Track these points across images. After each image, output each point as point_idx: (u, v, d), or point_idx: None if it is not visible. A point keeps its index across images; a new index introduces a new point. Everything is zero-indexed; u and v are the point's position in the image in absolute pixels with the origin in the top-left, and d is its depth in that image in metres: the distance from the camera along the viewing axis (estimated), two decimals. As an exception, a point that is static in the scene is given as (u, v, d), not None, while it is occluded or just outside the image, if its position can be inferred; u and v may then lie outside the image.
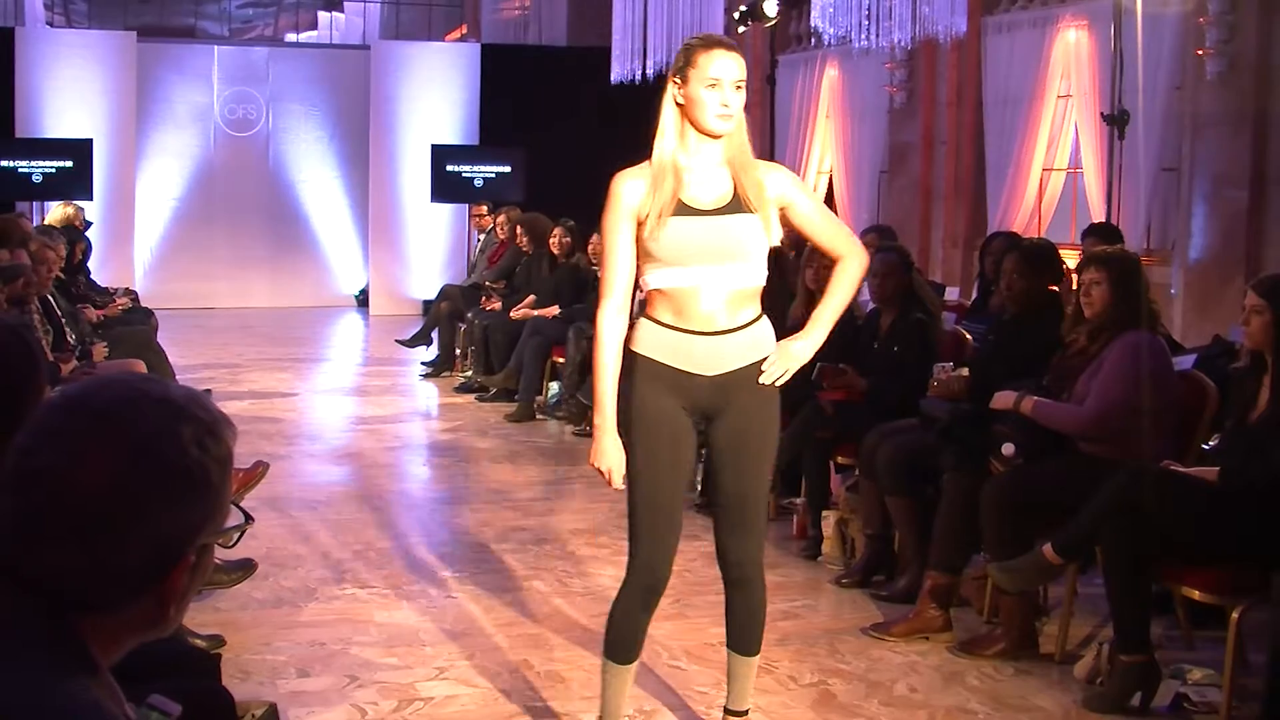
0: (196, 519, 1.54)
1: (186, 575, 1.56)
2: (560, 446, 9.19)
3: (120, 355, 8.21)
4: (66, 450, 1.49)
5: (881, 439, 5.97)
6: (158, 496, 1.50)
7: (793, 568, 6.38)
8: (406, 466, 8.32)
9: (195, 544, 1.55)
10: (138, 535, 1.50)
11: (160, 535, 1.51)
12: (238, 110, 16.89)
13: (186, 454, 1.52)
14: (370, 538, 6.74)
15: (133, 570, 1.51)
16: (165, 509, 1.51)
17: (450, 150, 16.08)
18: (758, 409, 3.81)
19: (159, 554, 1.52)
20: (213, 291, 16.91)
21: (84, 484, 1.48)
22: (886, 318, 6.69)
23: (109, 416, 1.52)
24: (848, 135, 14.07)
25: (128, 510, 1.49)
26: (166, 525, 1.52)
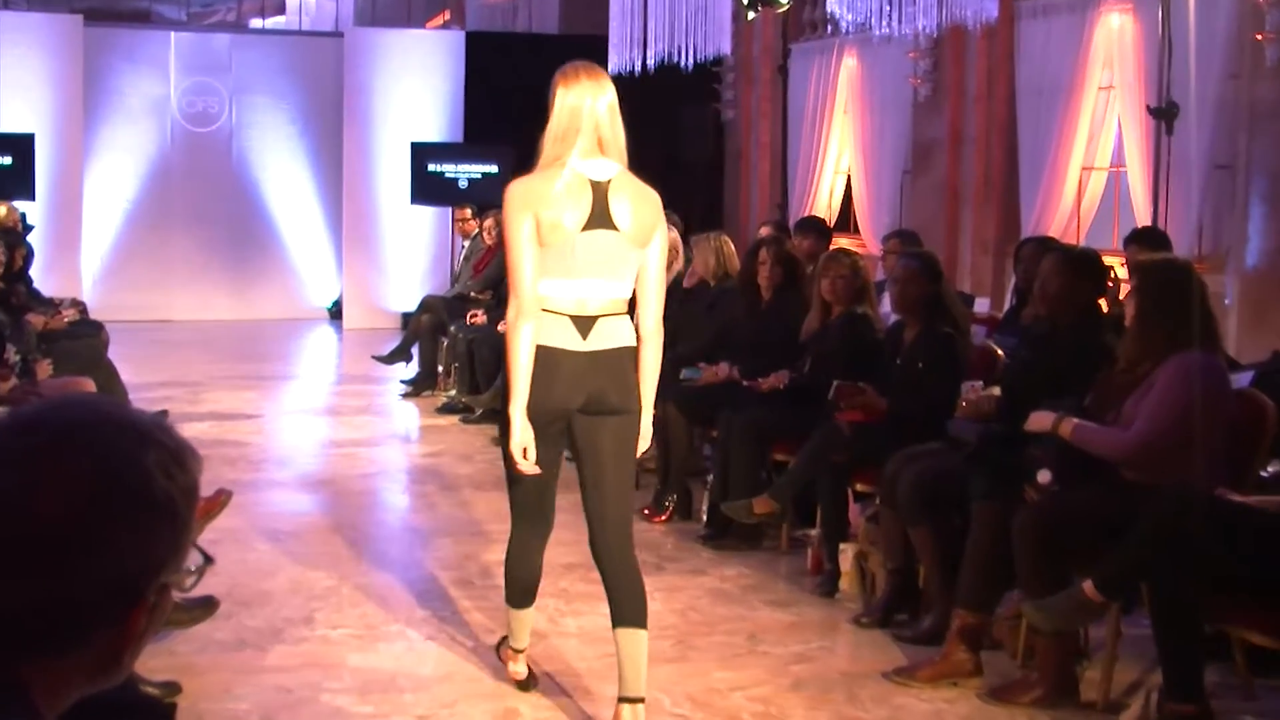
0: (160, 555, 1.53)
1: (145, 617, 1.54)
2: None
3: (66, 372, 8.21)
4: (18, 474, 1.48)
5: (904, 464, 5.97)
6: (119, 528, 1.49)
7: (807, 605, 6.38)
8: (384, 495, 8.32)
9: (156, 583, 1.54)
10: (95, 570, 1.48)
11: (120, 571, 1.50)
12: (197, 103, 16.90)
13: (152, 482, 1.51)
14: (343, 573, 6.74)
15: (88, 609, 1.49)
16: (127, 542, 1.50)
17: (432, 148, 16.09)
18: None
19: (117, 592, 1.50)
20: (170, 303, 16.91)
21: (37, 512, 1.46)
22: (910, 331, 6.70)
23: (67, 439, 1.50)
24: (867, 131, 14.09)
25: (85, 542, 1.47)
26: (127, 560, 1.50)
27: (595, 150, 4.66)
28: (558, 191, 4.55)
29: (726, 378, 7.86)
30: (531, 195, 4.56)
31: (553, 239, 4.53)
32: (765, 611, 6.29)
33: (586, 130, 4.66)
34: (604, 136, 4.67)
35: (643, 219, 4.66)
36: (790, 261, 7.97)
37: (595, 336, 4.63)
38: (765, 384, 7.50)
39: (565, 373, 4.60)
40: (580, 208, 4.56)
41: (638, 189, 4.69)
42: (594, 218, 4.57)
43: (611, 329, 4.66)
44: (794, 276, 7.98)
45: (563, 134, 4.67)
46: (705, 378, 7.97)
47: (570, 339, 4.61)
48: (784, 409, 7.24)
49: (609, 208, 4.60)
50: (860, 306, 7.28)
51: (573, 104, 4.70)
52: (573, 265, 4.56)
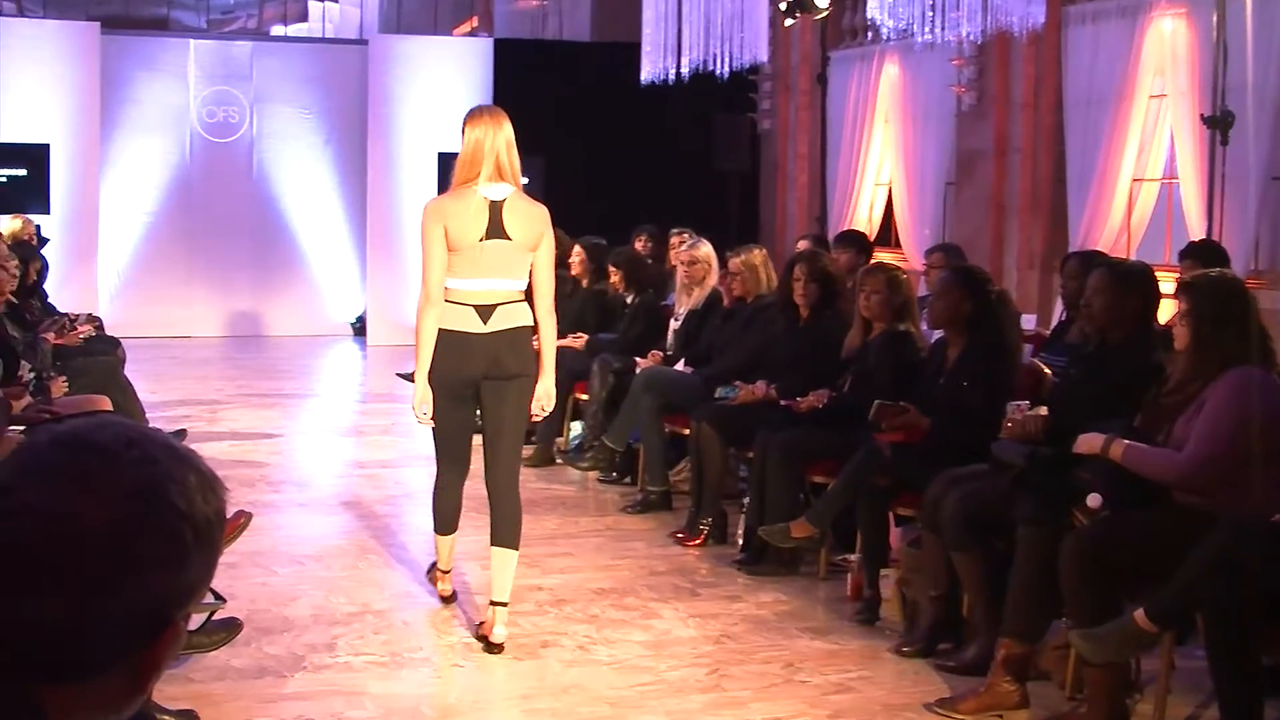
0: (192, 580, 1.54)
1: (172, 644, 1.55)
2: (583, 496, 9.20)
3: (82, 390, 8.26)
4: (56, 489, 1.49)
5: (947, 487, 5.96)
6: (157, 550, 1.50)
7: (846, 633, 6.37)
8: (408, 517, 8.34)
9: (186, 609, 1.55)
10: (132, 592, 1.49)
11: (155, 594, 1.51)
12: (217, 113, 17.00)
13: (193, 505, 1.52)
14: (366, 599, 6.76)
15: (118, 632, 1.50)
16: (163, 565, 1.51)
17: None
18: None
19: (149, 616, 1.51)
20: (188, 318, 17.00)
21: (78, 528, 1.47)
22: (954, 349, 6.69)
23: (110, 456, 1.51)
24: (909, 141, 14.09)
25: (122, 562, 1.48)
26: (162, 584, 1.51)
27: (495, 175, 6.03)
28: (463, 209, 5.99)
29: (764, 397, 7.86)
30: (443, 211, 6.04)
31: (460, 246, 5.98)
32: (803, 640, 6.28)
33: (488, 159, 6.03)
34: (501, 164, 6.04)
35: (530, 230, 6.08)
36: (826, 278, 7.95)
37: (494, 320, 6.06)
38: (804, 403, 7.49)
39: (471, 350, 6.04)
40: (480, 222, 5.99)
41: (527, 206, 6.12)
42: (491, 230, 6.00)
43: (508, 313, 6.08)
44: (831, 293, 7.97)
45: (469, 162, 6.05)
46: (742, 397, 7.96)
47: (474, 324, 6.05)
48: (823, 429, 7.24)
49: (503, 222, 6.01)
50: (902, 323, 7.27)
51: (477, 138, 6.06)
52: (476, 267, 6.02)
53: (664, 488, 8.69)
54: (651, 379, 8.83)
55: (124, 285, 16.79)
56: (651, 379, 8.83)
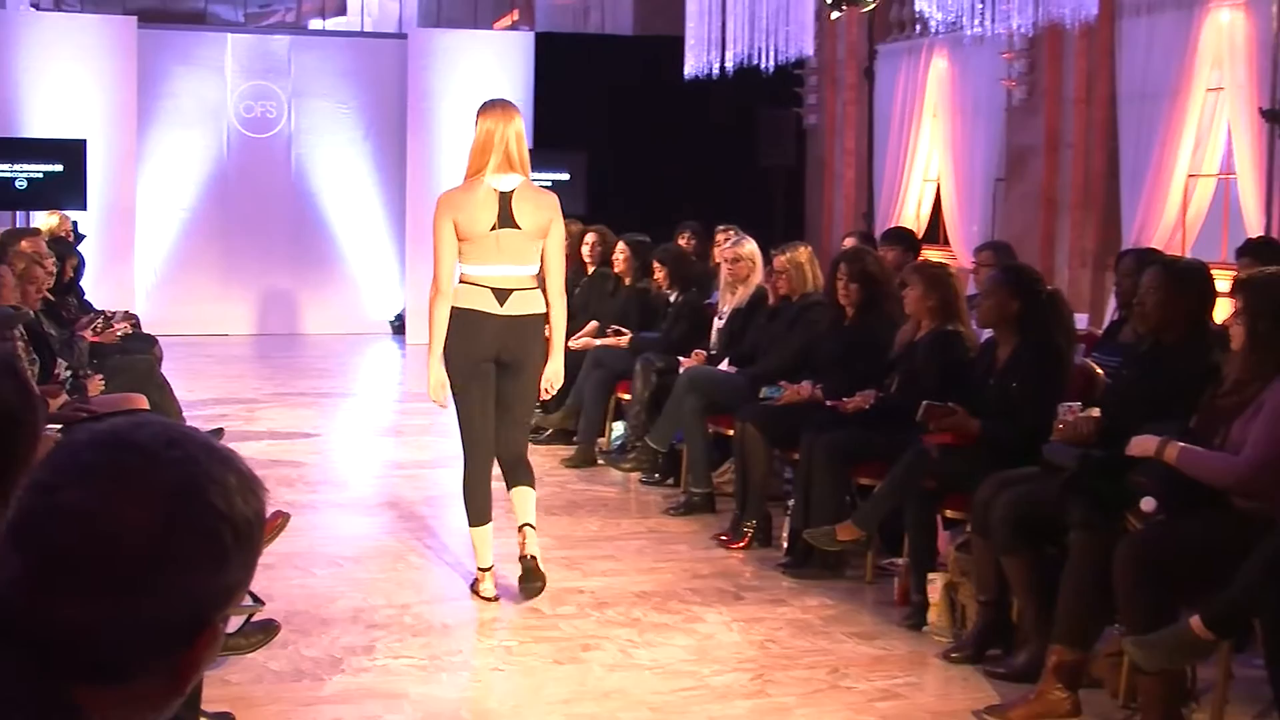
0: (231, 581, 1.55)
1: (211, 646, 1.56)
2: (625, 497, 9.21)
3: (118, 388, 8.29)
4: (99, 488, 1.50)
5: (997, 490, 5.94)
6: (197, 551, 1.51)
7: (894, 638, 6.36)
8: (448, 518, 8.35)
9: (225, 611, 1.56)
10: (173, 593, 1.50)
11: (195, 595, 1.52)
12: (255, 108, 17.09)
13: (233, 506, 1.53)
14: (405, 600, 6.79)
15: (156, 635, 1.51)
16: (206, 565, 1.52)
17: (498, 154, 16.17)
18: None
19: (189, 617, 1.52)
20: (225, 316, 17.08)
21: (118, 528, 1.48)
22: (1003, 349, 6.66)
23: (150, 455, 1.53)
24: (958, 137, 14.04)
25: (166, 562, 1.49)
26: (201, 585, 1.52)
27: (505, 166, 6.47)
28: (472, 200, 6.45)
29: (809, 397, 7.84)
30: (453, 204, 6.51)
31: (471, 235, 6.44)
32: (849, 644, 6.27)
33: (497, 150, 6.46)
34: (511, 155, 6.48)
35: (538, 219, 6.53)
36: (867, 278, 7.90)
37: (510, 304, 6.51)
38: (850, 404, 7.47)
39: (487, 330, 6.50)
40: (490, 212, 6.44)
41: (535, 196, 6.58)
42: (501, 220, 6.45)
43: (524, 299, 6.54)
44: (875, 292, 7.93)
45: (479, 153, 6.51)
46: (786, 397, 7.95)
47: (491, 305, 6.50)
48: (869, 430, 7.22)
49: (512, 212, 6.46)
50: (950, 323, 7.24)
51: (487, 129, 6.51)
52: (489, 255, 6.47)
53: (707, 489, 8.68)
54: (695, 379, 8.82)
55: (160, 282, 16.89)
56: (695, 379, 8.82)
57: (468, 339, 6.52)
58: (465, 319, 6.51)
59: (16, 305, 7.32)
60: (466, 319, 6.51)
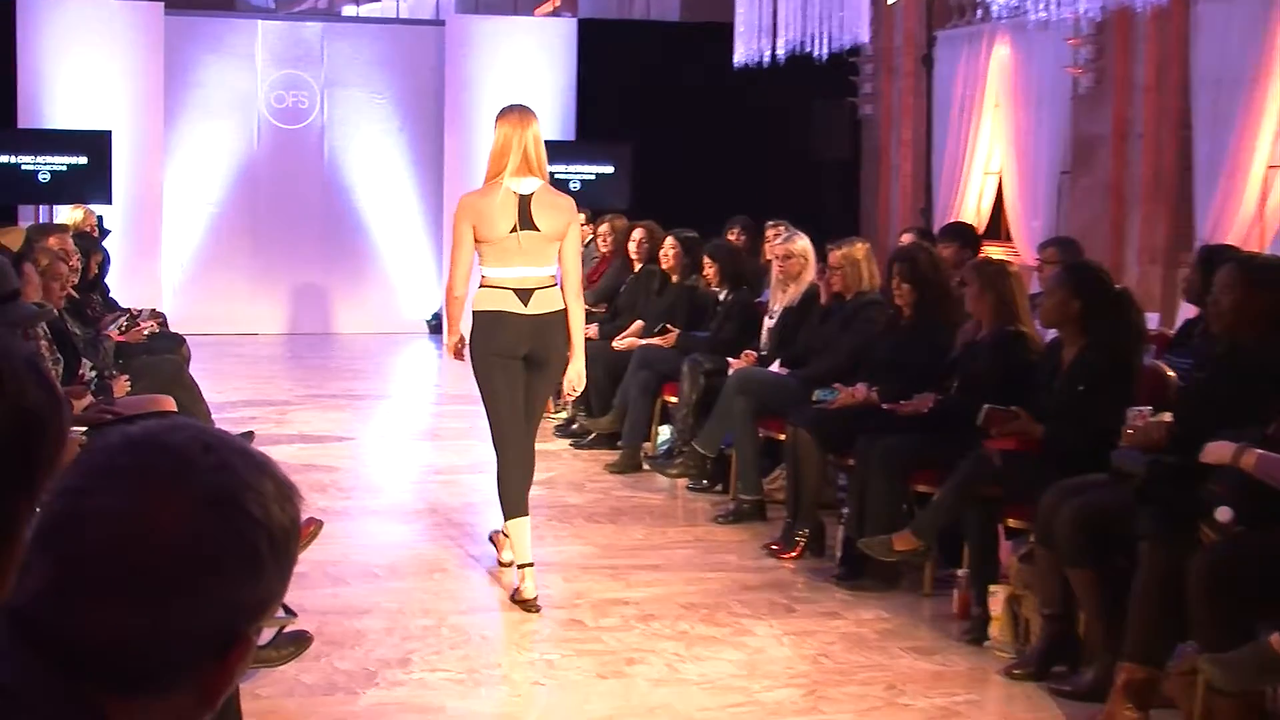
0: (267, 592, 1.56)
1: (244, 659, 1.56)
2: (671, 505, 9.21)
3: (145, 389, 8.34)
4: (132, 493, 1.50)
5: (1062, 498, 5.91)
6: (232, 560, 1.52)
7: (953, 654, 6.34)
8: (487, 525, 8.35)
9: (259, 623, 1.57)
10: (202, 604, 1.50)
11: (230, 606, 1.53)
12: (286, 98, 17.14)
13: (269, 513, 1.54)
14: (443, 611, 6.80)
15: (192, 645, 1.51)
16: (237, 576, 1.52)
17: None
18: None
19: (219, 630, 1.53)
20: (255, 314, 17.16)
21: (152, 533, 1.49)
22: (1069, 350, 6.63)
23: (186, 460, 1.53)
24: (1021, 127, 13.98)
25: (199, 570, 1.50)
26: (235, 596, 1.53)
27: (523, 169, 6.86)
28: (492, 204, 6.87)
29: (864, 400, 7.82)
30: (473, 208, 6.95)
31: (491, 238, 6.87)
32: (906, 660, 6.25)
33: (515, 154, 6.85)
34: (529, 159, 6.87)
35: (556, 222, 6.95)
36: (921, 280, 7.85)
37: (534, 303, 6.91)
38: (907, 407, 7.45)
39: (512, 328, 6.89)
40: (510, 216, 6.85)
41: (554, 199, 6.99)
42: (521, 222, 6.85)
43: (545, 298, 6.96)
44: (932, 292, 7.89)
45: (498, 155, 6.91)
46: (841, 400, 7.93)
47: (515, 305, 6.90)
48: (928, 435, 7.20)
49: (531, 215, 6.86)
50: (1012, 323, 7.21)
51: (505, 134, 6.90)
52: (510, 256, 6.89)
53: (758, 496, 8.67)
54: (745, 381, 8.81)
55: (188, 279, 16.95)
56: (745, 381, 8.81)
57: (495, 339, 6.92)
58: (491, 320, 6.92)
59: (40, 302, 7.36)
60: (493, 320, 6.92)
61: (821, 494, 8.09)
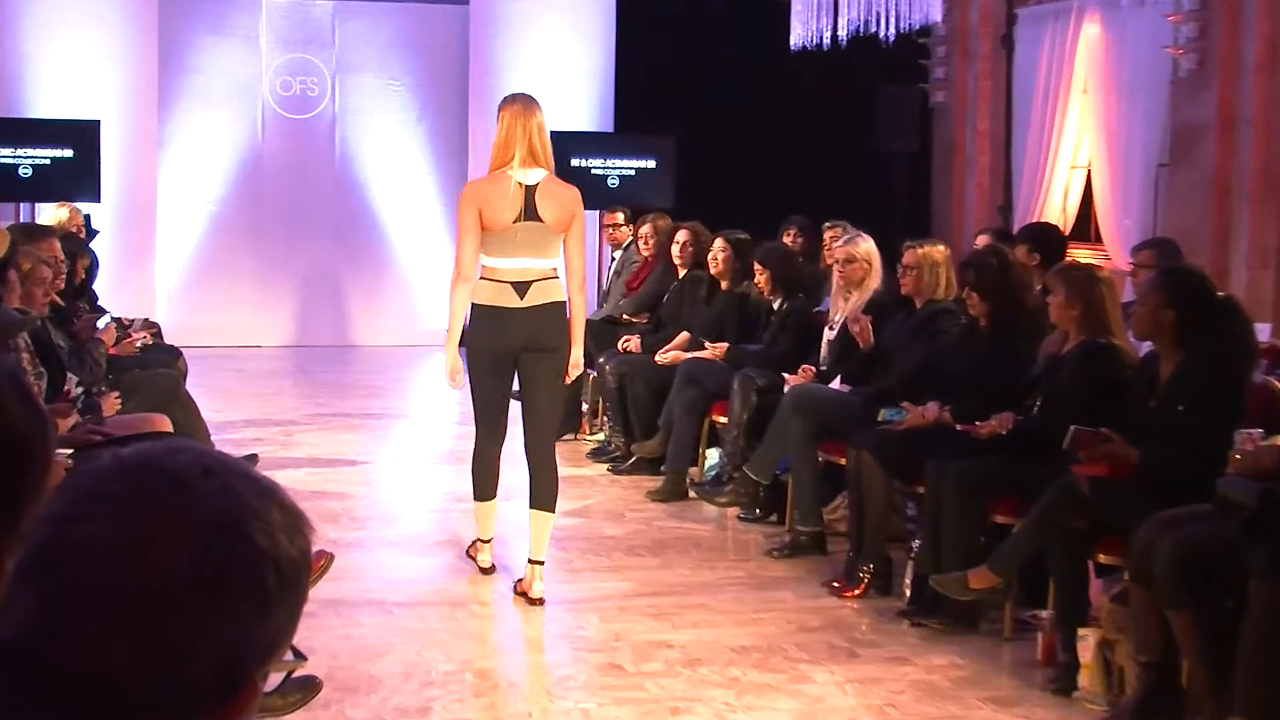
0: (274, 631, 1.56)
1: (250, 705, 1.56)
2: (720, 536, 9.20)
3: (138, 407, 8.36)
4: (127, 521, 1.51)
5: (1161, 531, 5.89)
6: (237, 595, 1.52)
7: (1037, 705, 6.32)
8: (517, 559, 8.37)
9: (266, 666, 1.57)
10: (203, 644, 1.51)
11: (233, 646, 1.53)
12: (294, 84, 17.21)
13: (277, 544, 1.55)
14: (466, 654, 6.81)
15: (192, 688, 1.51)
16: (242, 613, 1.53)
17: (576, 139, 16.14)
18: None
19: (223, 673, 1.53)
20: (259, 325, 17.21)
21: (147, 565, 1.49)
22: (1166, 365, 6.60)
23: (185, 485, 1.54)
24: (1113, 115, 13.95)
25: (200, 608, 1.50)
26: (240, 635, 1.53)
27: (529, 160, 7.49)
28: (498, 193, 7.48)
29: (935, 420, 7.80)
30: (479, 195, 7.57)
31: (494, 227, 7.47)
32: (984, 711, 6.24)
33: (521, 144, 7.48)
34: (535, 149, 7.50)
35: (560, 213, 7.54)
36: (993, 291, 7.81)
37: (530, 295, 7.54)
38: (984, 428, 7.42)
39: (509, 324, 7.55)
40: (514, 206, 7.45)
41: (558, 190, 7.61)
42: (524, 213, 7.46)
43: (543, 289, 7.58)
44: (1009, 301, 7.86)
45: (502, 147, 7.55)
46: (909, 420, 7.91)
47: (511, 299, 7.54)
48: (1007, 459, 7.17)
49: (535, 205, 7.47)
50: (1102, 334, 7.19)
51: (510, 123, 7.53)
52: (511, 247, 7.51)
53: (816, 528, 8.66)
54: (802, 399, 8.80)
55: (185, 286, 17.01)
56: (802, 399, 8.80)
57: (491, 334, 7.62)
58: (488, 315, 7.62)
59: (23, 309, 7.38)
60: (489, 315, 7.61)
61: (888, 525, 8.07)
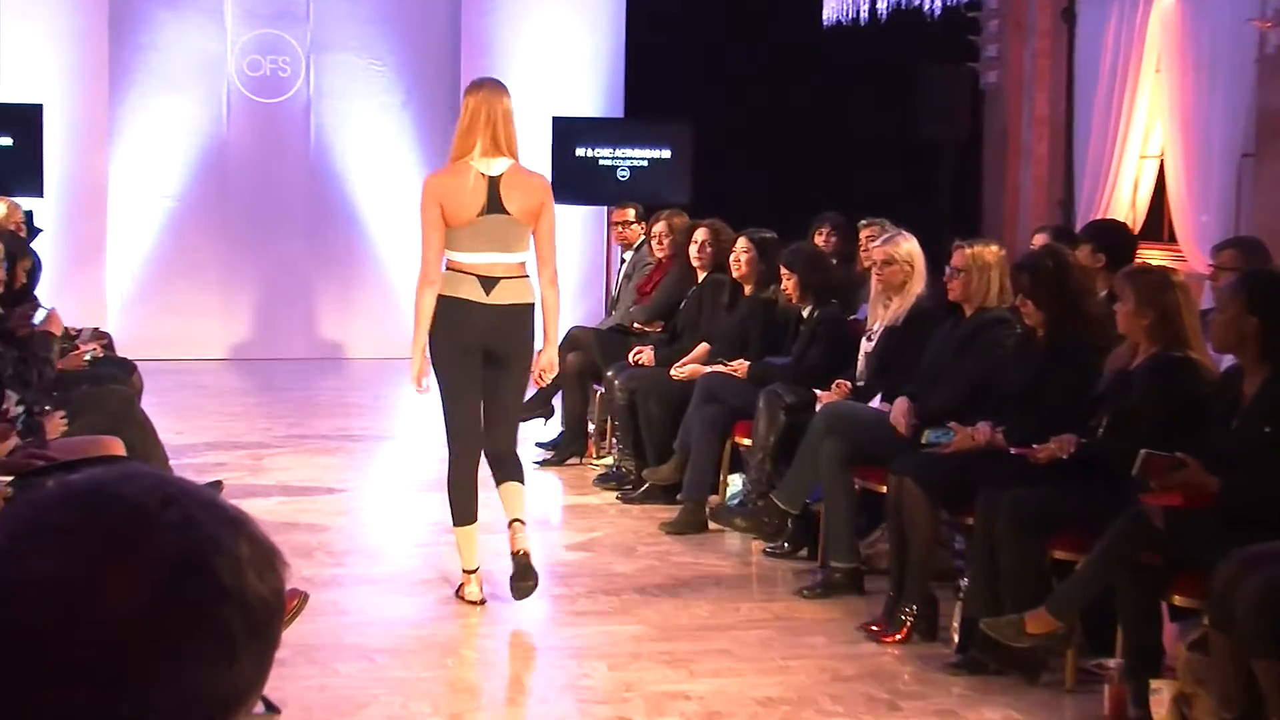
0: (243, 679, 1.55)
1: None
2: (744, 573, 9.21)
3: (86, 428, 8.35)
4: (76, 557, 1.50)
5: (1244, 569, 5.88)
6: (199, 640, 1.52)
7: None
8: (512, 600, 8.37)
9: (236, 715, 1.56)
10: (168, 690, 1.50)
11: (195, 696, 1.52)
12: (263, 64, 17.23)
13: (244, 583, 1.54)
14: (457, 707, 6.81)
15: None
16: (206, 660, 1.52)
17: (581, 125, 16.20)
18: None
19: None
20: (224, 335, 17.25)
21: (98, 607, 1.48)
22: (1251, 381, 6.59)
23: (141, 516, 1.53)
24: (1189, 98, 13.92)
25: (154, 655, 1.50)
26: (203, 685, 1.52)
27: (492, 149, 7.89)
28: (459, 185, 7.89)
29: (987, 443, 7.79)
30: (439, 189, 7.99)
31: (458, 221, 7.90)
32: (1044, 772, 6.22)
33: (485, 132, 7.88)
34: (499, 137, 7.90)
35: (528, 204, 7.99)
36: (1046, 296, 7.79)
37: (497, 293, 7.95)
38: (1043, 452, 7.41)
39: (473, 319, 7.96)
40: (478, 198, 7.87)
41: (525, 179, 8.06)
42: (489, 205, 7.87)
43: (511, 288, 8.00)
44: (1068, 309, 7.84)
45: (465, 133, 7.95)
46: (958, 443, 7.90)
47: (477, 293, 7.95)
48: (1069, 487, 7.16)
49: (501, 197, 7.89)
50: (1177, 346, 7.17)
51: (473, 110, 7.94)
52: (476, 241, 7.93)
53: (852, 564, 8.64)
54: (836, 418, 8.79)
55: (140, 291, 17.03)
56: (836, 418, 8.79)
57: (453, 328, 8.03)
58: (451, 307, 8.00)
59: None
60: (452, 307, 8.00)
61: (933, 561, 8.06)
